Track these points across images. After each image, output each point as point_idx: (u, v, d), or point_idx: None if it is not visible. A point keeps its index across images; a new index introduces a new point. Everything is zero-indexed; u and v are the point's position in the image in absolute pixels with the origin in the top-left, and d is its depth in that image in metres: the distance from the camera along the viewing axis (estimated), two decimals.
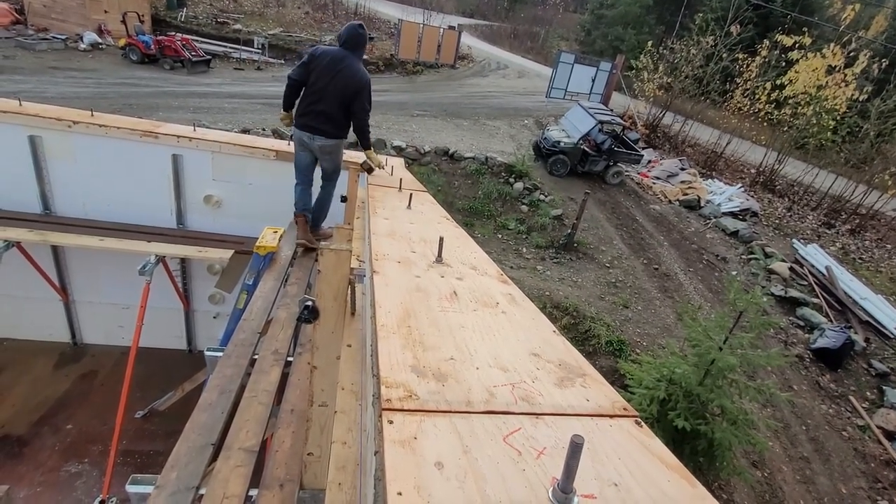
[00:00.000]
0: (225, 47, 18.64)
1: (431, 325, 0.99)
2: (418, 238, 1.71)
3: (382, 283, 1.22)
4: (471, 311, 1.14)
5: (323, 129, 3.77)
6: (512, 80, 23.90)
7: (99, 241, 4.24)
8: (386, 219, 1.94)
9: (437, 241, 1.66)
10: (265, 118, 12.70)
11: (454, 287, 1.29)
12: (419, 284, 1.27)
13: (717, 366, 5.73)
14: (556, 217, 11.21)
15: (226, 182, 4.84)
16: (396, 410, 0.68)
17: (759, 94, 15.78)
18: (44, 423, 4.49)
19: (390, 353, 0.84)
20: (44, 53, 15.87)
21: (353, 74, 3.72)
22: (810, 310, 9.75)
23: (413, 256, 1.51)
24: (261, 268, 3.54)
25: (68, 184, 4.62)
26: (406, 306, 1.08)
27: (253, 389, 2.10)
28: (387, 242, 1.58)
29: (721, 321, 6.04)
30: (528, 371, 0.86)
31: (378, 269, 1.32)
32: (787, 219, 13.88)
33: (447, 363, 0.84)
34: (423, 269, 1.42)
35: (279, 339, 2.52)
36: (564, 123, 13.23)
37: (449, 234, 1.89)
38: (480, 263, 1.57)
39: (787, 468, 6.99)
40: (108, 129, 4.37)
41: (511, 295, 1.31)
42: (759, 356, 5.90)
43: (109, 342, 5.50)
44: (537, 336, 1.03)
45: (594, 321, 8.52)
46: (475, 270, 1.50)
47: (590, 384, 0.84)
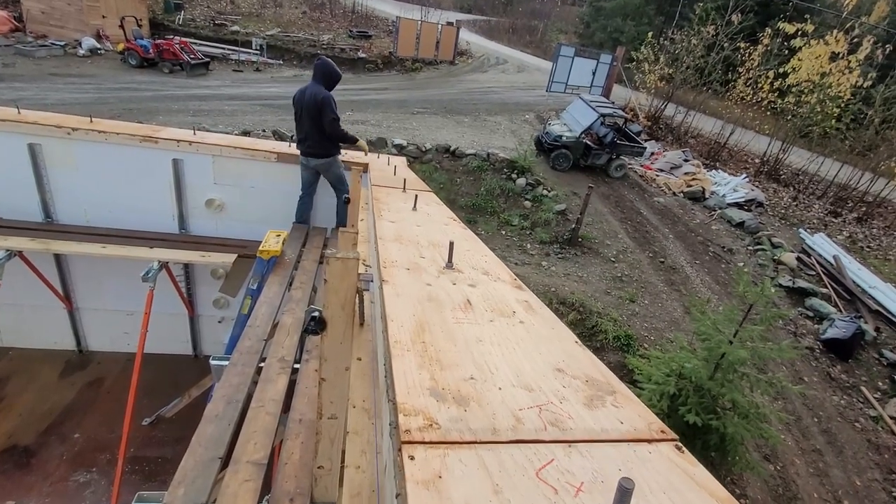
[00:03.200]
0: (223, 49, 18.58)
1: (447, 340, 0.94)
2: (426, 242, 1.65)
3: (393, 293, 1.16)
4: (487, 321, 1.09)
5: (311, 151, 4.44)
6: (511, 74, 23.76)
7: (101, 248, 4.20)
8: (392, 222, 1.88)
9: (445, 244, 1.60)
10: (265, 119, 12.65)
11: (467, 295, 1.23)
12: (431, 293, 1.21)
13: (728, 360, 5.67)
14: (559, 212, 11.12)
15: (227, 185, 4.79)
16: (417, 443, 0.62)
17: (761, 82, 15.61)
18: (51, 433, 4.47)
19: (406, 374, 0.79)
20: (43, 60, 15.86)
21: (314, 96, 4.29)
22: (819, 300, 9.65)
23: (422, 262, 1.46)
24: (264, 272, 3.49)
25: (69, 191, 4.58)
26: (419, 318, 1.03)
27: (260, 399, 2.06)
28: (394, 248, 1.53)
29: (730, 314, 5.97)
30: (554, 390, 0.80)
31: (387, 277, 1.27)
32: (793, 208, 13.75)
33: (467, 384, 0.79)
34: (433, 276, 1.37)
35: (285, 347, 2.47)
36: (566, 117, 13.12)
37: (457, 236, 1.83)
38: (492, 268, 1.52)
39: (800, 461, 6.93)
40: (107, 135, 4.32)
41: (527, 302, 1.25)
42: (771, 349, 5.83)
43: (115, 349, 5.47)
44: (559, 348, 0.98)
45: (601, 316, 8.45)
46: (487, 276, 1.44)
47: (621, 402, 0.78)
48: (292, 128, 12.21)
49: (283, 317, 2.80)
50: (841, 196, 14.54)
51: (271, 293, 3.09)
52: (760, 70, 15.66)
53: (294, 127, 4.68)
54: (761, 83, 15.61)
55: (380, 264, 1.35)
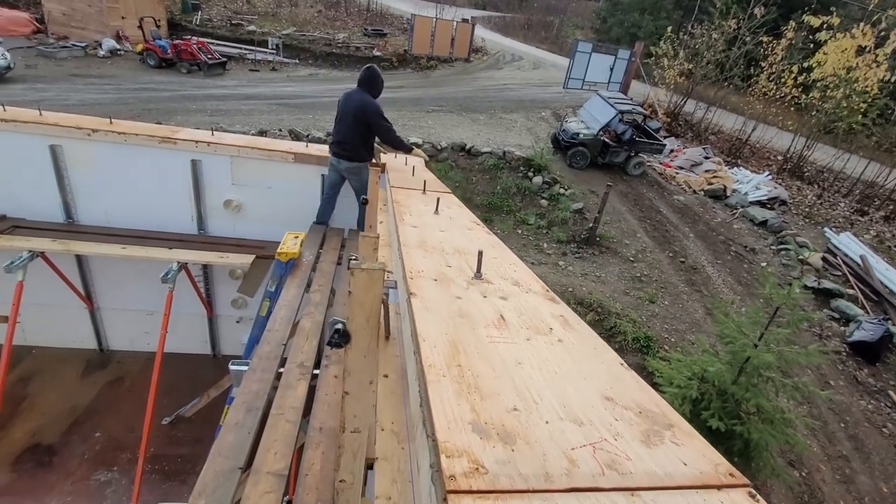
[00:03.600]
0: (240, 49, 18.72)
1: (484, 362, 0.87)
2: (451, 249, 1.59)
3: (422, 307, 1.10)
4: (523, 340, 1.02)
5: (344, 154, 4.44)
6: (527, 71, 23.54)
7: (121, 249, 4.23)
8: (414, 227, 1.83)
9: (471, 251, 1.54)
10: (281, 118, 12.71)
11: (500, 310, 1.16)
12: (462, 308, 1.15)
13: (753, 364, 5.52)
14: (576, 211, 10.97)
15: (245, 186, 4.79)
16: (464, 493, 0.56)
17: (785, 77, 15.19)
18: (73, 432, 4.53)
19: (444, 405, 0.73)
20: (64, 61, 16.13)
21: (361, 104, 4.36)
22: (845, 301, 9.37)
23: (449, 272, 1.39)
24: (283, 274, 3.47)
25: (89, 192, 4.62)
26: (452, 338, 0.97)
27: (280, 406, 2.02)
28: (419, 256, 1.47)
29: (755, 317, 5.81)
30: (605, 423, 0.73)
31: (415, 290, 1.21)
32: (818, 207, 13.37)
33: (511, 416, 0.72)
34: (462, 287, 1.30)
35: (304, 351, 2.44)
36: (583, 114, 12.93)
37: (483, 242, 1.77)
38: (523, 277, 1.45)
39: (826, 467, 6.74)
40: (127, 136, 4.35)
41: (563, 317, 1.18)
42: (798, 353, 5.66)
43: (135, 348, 5.53)
44: (604, 371, 0.91)
45: (619, 317, 8.32)
46: (518, 287, 1.37)
47: (681, 439, 0.71)
48: (308, 126, 12.34)
49: (302, 320, 2.77)
50: (868, 194, 14.09)
51: (290, 296, 3.06)
52: (784, 64, 15.24)
53: (332, 127, 4.77)
54: (785, 78, 15.19)
55: (406, 274, 1.29)
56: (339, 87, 16.99)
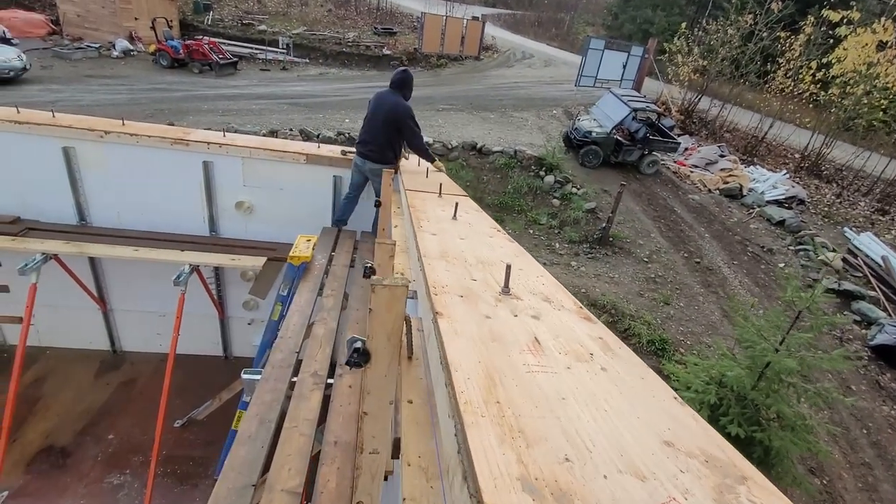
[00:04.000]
0: (251, 49, 18.78)
1: (525, 397, 0.79)
2: (474, 259, 1.51)
3: (450, 330, 1.02)
4: (563, 367, 0.93)
5: (370, 154, 4.38)
6: (538, 69, 23.33)
7: (133, 251, 4.21)
8: (433, 234, 1.75)
9: (495, 261, 1.45)
10: (292, 118, 12.70)
11: (534, 331, 1.08)
12: (493, 329, 1.07)
13: (774, 369, 5.38)
14: (589, 210, 10.83)
15: (257, 188, 4.75)
16: None
17: (803, 74, 14.85)
18: (86, 433, 4.52)
19: (487, 454, 0.64)
20: (79, 62, 16.29)
21: (392, 107, 4.33)
22: (867, 304, 9.13)
23: (475, 286, 1.31)
24: (295, 278, 3.42)
25: (102, 194, 4.61)
26: (486, 366, 0.88)
27: (294, 418, 1.96)
28: (442, 268, 1.38)
29: (776, 320, 5.66)
30: (670, 475, 0.64)
31: (441, 308, 1.13)
32: (837, 206, 13.07)
33: (564, 469, 0.64)
34: (490, 304, 1.22)
35: (318, 360, 2.37)
36: (596, 112, 12.76)
37: (506, 251, 1.68)
38: (552, 292, 1.36)
39: (848, 475, 6.56)
40: (139, 137, 4.32)
41: (603, 339, 1.09)
42: (821, 358, 5.50)
43: (148, 349, 5.53)
44: (658, 408, 0.82)
45: (634, 319, 8.18)
46: (549, 303, 1.28)
47: (759, 496, 0.62)
48: (318, 126, 12.31)
49: (315, 326, 2.71)
50: (889, 193, 13.75)
51: (302, 301, 3.00)
52: (802, 60, 14.90)
53: (360, 127, 4.69)
54: (802, 74, 14.86)
55: (429, 290, 1.21)
56: (349, 86, 16.97)
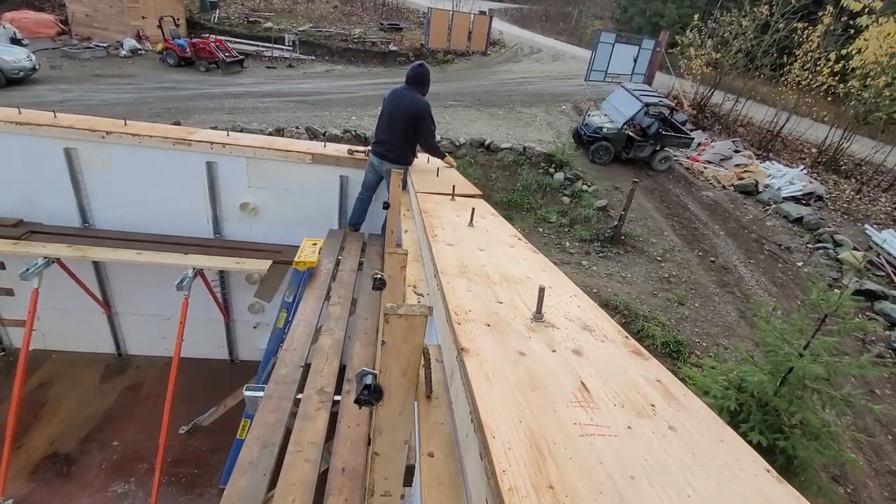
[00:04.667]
0: (257, 46, 18.71)
1: (584, 476, 0.62)
2: (497, 275, 1.35)
3: (481, 374, 0.85)
4: (623, 427, 0.76)
5: (386, 154, 4.22)
6: (546, 64, 23.03)
7: (137, 254, 4.11)
8: (450, 245, 1.60)
9: (520, 277, 1.30)
10: (298, 116, 12.60)
11: (578, 372, 0.92)
12: (530, 371, 0.90)
13: (797, 374, 5.17)
14: (600, 208, 10.61)
15: (262, 188, 4.62)
16: None
17: (821, 65, 14.45)
18: (91, 440, 4.45)
19: None
20: (87, 62, 16.35)
21: (411, 104, 4.15)
22: (890, 304, 8.84)
23: (503, 311, 1.16)
24: (300, 284, 3.29)
25: (105, 196, 4.51)
26: (530, 428, 0.72)
27: (298, 442, 1.83)
28: (463, 288, 1.23)
29: (800, 323, 5.44)
30: None
31: (467, 343, 0.97)
32: (857, 202, 12.71)
33: None
34: (522, 334, 1.06)
35: (324, 375, 2.24)
36: (607, 108, 12.50)
37: (532, 265, 1.52)
38: (591, 317, 1.20)
39: (873, 483, 6.34)
40: (141, 137, 4.21)
41: (661, 383, 0.93)
42: (848, 364, 5.28)
43: (153, 353, 5.45)
44: (753, 489, 0.65)
45: (647, 320, 7.98)
46: (590, 332, 1.12)
47: None
48: (325, 124, 12.20)
49: (322, 338, 2.57)
50: None
51: (308, 309, 2.87)
52: (819, 52, 14.49)
53: (376, 126, 4.51)
54: (820, 66, 14.46)
55: (451, 317, 1.06)
56: (355, 83, 16.83)
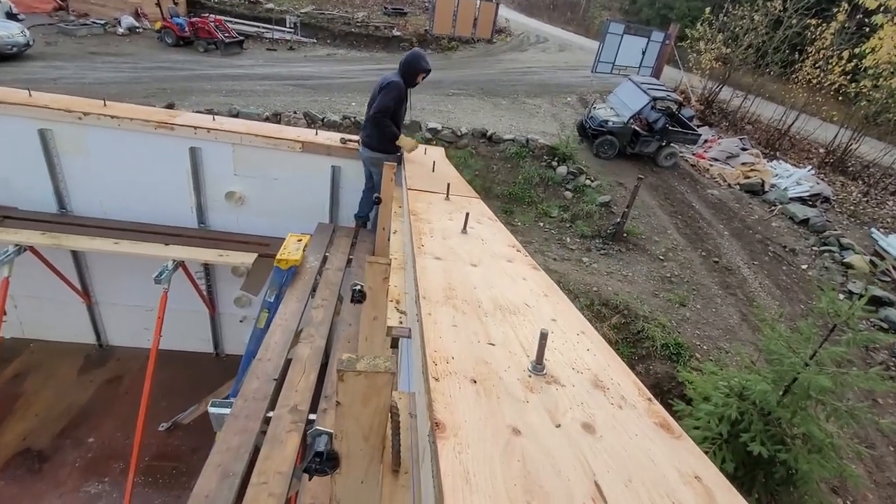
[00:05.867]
0: (257, 27, 18.29)
1: None
2: (490, 301, 1.13)
3: (459, 473, 0.59)
4: None
5: (365, 140, 4.08)
6: (552, 54, 22.59)
7: (114, 244, 3.89)
8: (438, 258, 1.38)
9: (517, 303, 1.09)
10: (297, 100, 12.28)
11: (590, 465, 0.68)
12: (527, 463, 0.64)
13: (802, 385, 5.00)
14: (603, 204, 10.37)
15: (249, 177, 4.38)
16: None
17: (832, 64, 14.10)
18: (66, 436, 4.27)
19: None
20: (84, 39, 16.01)
21: (383, 80, 3.97)
22: (895, 310, 8.66)
23: (494, 356, 0.93)
24: (283, 284, 3.07)
25: (83, 181, 4.27)
26: None
27: (263, 472, 1.62)
28: (447, 321, 0.99)
29: (807, 332, 5.26)
30: None
31: (444, 415, 0.71)
32: (864, 205, 12.47)
33: None
34: (518, 397, 0.82)
35: (299, 390, 2.03)
36: (613, 101, 12.19)
37: (532, 286, 1.30)
38: (602, 366, 0.96)
39: (873, 496, 6.21)
40: (120, 120, 3.96)
41: (700, 481, 0.67)
42: (856, 377, 5.10)
43: (136, 344, 5.25)
44: None
45: (647, 321, 7.79)
46: (603, 392, 0.89)
47: None
48: (324, 109, 11.91)
49: (300, 347, 2.36)
50: None
51: (287, 313, 2.65)
52: (832, 50, 14.13)
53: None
54: (832, 65, 14.10)
55: (428, 367, 0.84)
56: (357, 68, 16.46)
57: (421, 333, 0.95)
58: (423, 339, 0.92)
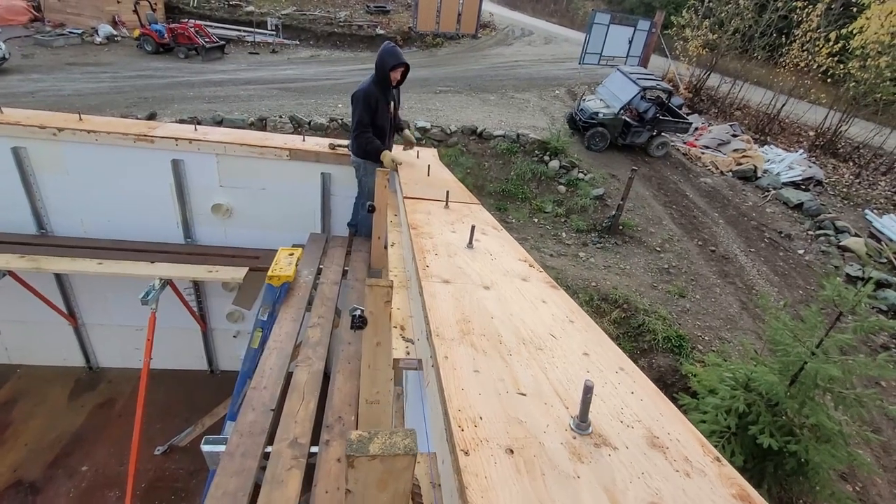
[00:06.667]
0: (238, 31, 17.99)
1: None
2: (511, 333, 0.99)
3: None
4: None
5: (351, 147, 3.94)
6: (538, 47, 22.46)
7: (97, 265, 3.72)
8: (446, 281, 1.25)
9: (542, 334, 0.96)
10: (282, 104, 12.07)
11: None
12: None
13: (810, 374, 4.94)
14: (597, 197, 10.28)
15: (235, 188, 4.22)
16: None
17: (819, 46, 14.08)
18: (58, 465, 4.10)
19: None
20: (61, 49, 15.68)
21: (351, 97, 3.80)
22: (893, 291, 8.66)
23: (528, 412, 0.76)
24: (276, 301, 2.93)
25: (62, 200, 4.09)
26: None
27: None
28: (467, 365, 0.85)
29: (813, 320, 5.20)
30: None
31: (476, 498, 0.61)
32: (856, 186, 12.49)
33: None
34: (565, 470, 0.66)
35: (298, 421, 1.89)
36: (602, 92, 12.10)
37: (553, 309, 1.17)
38: (653, 413, 0.82)
39: (881, 480, 6.19)
40: (97, 134, 3.78)
41: None
42: (864, 364, 5.05)
43: (127, 365, 5.08)
44: None
45: (647, 314, 7.72)
46: (663, 451, 0.71)
47: None
48: (310, 112, 11.70)
49: (297, 371, 2.22)
50: None
51: (283, 334, 2.51)
52: (819, 32, 14.11)
53: None
54: (819, 46, 14.09)
55: (453, 432, 0.70)
56: (341, 68, 16.23)
57: (439, 383, 0.82)
58: (442, 392, 0.79)
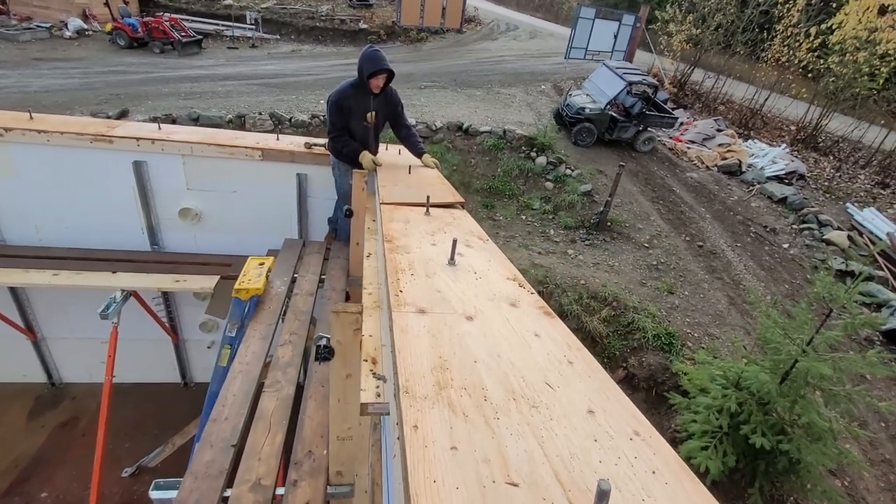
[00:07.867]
0: (216, 25, 17.47)
1: None
2: (499, 387, 0.79)
3: None
4: None
5: (328, 146, 3.77)
6: (524, 41, 22.31)
7: (53, 276, 3.43)
8: (422, 311, 1.06)
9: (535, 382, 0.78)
10: (262, 100, 11.71)
11: None
12: None
13: (801, 373, 4.89)
14: (585, 193, 10.18)
15: (204, 191, 3.95)
16: None
17: (800, 41, 14.17)
18: (14, 492, 3.81)
19: None
20: (27, 44, 15.09)
21: None
22: (875, 284, 8.70)
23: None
24: (244, 316, 2.70)
25: (13, 206, 3.78)
26: None
27: None
28: (443, 439, 0.65)
29: (804, 318, 5.14)
30: None
31: None
32: (837, 180, 12.59)
33: None
34: None
35: (263, 457, 1.66)
36: (589, 87, 11.98)
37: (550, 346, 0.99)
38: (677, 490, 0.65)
39: (869, 474, 6.17)
40: (49, 135, 3.48)
41: None
42: (854, 361, 5.01)
43: (93, 380, 4.76)
44: None
45: (637, 311, 7.62)
46: None
47: None
48: (290, 108, 11.37)
49: (264, 398, 1.99)
50: (888, 164, 13.31)
51: (249, 355, 2.28)
52: (800, 28, 14.19)
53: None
54: (800, 41, 14.18)
55: None
56: (323, 64, 15.87)
57: (404, 468, 0.62)
58: (407, 487, 0.59)
